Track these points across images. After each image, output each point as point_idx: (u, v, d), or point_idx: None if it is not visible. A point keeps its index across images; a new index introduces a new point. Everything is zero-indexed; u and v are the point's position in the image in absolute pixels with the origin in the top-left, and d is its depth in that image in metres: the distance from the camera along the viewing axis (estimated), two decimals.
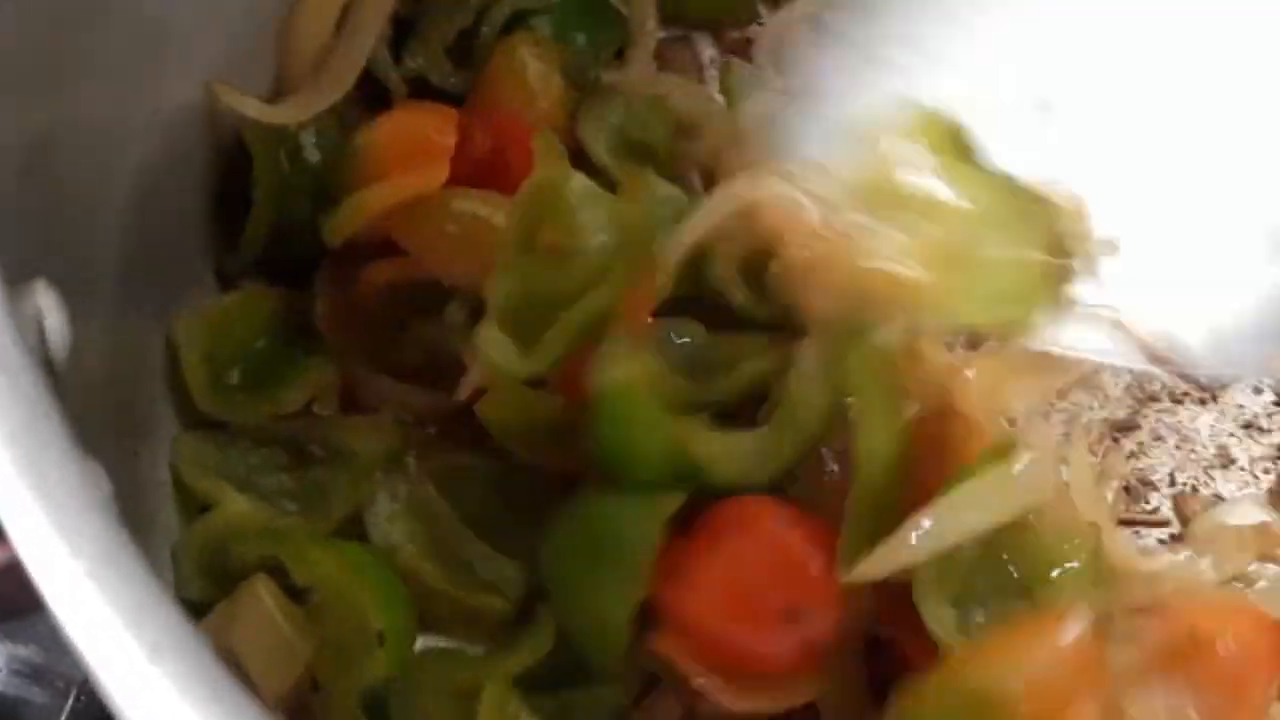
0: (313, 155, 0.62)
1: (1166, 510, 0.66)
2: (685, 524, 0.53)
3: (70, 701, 0.63)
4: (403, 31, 0.68)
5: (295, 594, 0.54)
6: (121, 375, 0.51)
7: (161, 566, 0.54)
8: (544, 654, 0.55)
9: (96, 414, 0.47)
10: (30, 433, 0.30)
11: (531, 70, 0.64)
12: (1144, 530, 0.65)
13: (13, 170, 0.39)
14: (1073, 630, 0.51)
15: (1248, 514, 0.65)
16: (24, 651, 0.71)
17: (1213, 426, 0.68)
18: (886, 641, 0.59)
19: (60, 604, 0.29)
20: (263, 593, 0.53)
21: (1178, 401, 0.69)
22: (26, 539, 0.29)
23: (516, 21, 0.68)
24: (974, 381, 0.55)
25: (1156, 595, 0.58)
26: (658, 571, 0.52)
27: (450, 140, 0.59)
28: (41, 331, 0.39)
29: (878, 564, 0.50)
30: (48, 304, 0.40)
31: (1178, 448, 0.68)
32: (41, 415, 0.31)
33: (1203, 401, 0.69)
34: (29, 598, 0.43)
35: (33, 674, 0.71)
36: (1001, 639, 0.53)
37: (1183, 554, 0.62)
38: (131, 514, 0.35)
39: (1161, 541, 0.65)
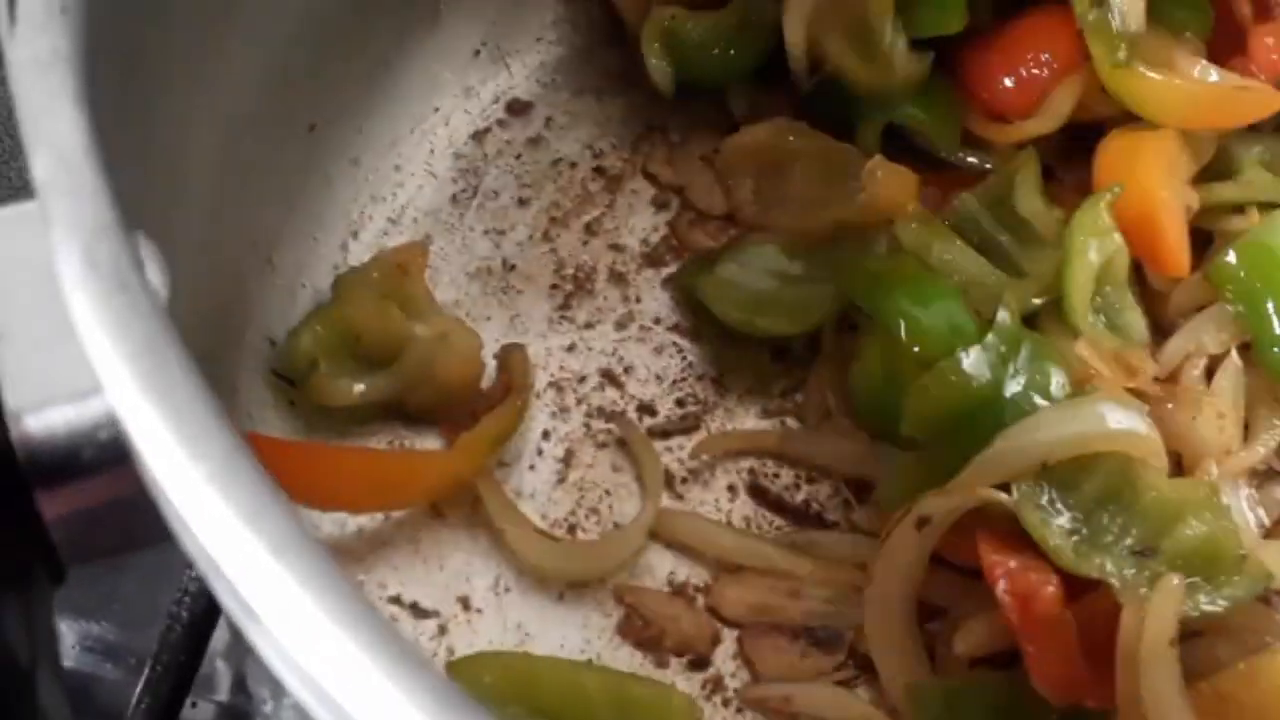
0: None
1: None
2: None
3: (144, 674, 0.64)
4: None
5: None
6: (208, 331, 0.53)
7: None
8: None
9: None
10: (151, 349, 0.32)
11: None
12: None
13: (115, 121, 0.41)
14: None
15: None
16: (97, 629, 0.72)
17: None
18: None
19: (186, 509, 0.30)
20: None
21: None
22: (151, 450, 0.31)
23: None
24: None
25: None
26: None
27: None
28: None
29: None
30: (148, 256, 0.42)
31: None
32: (160, 331, 0.32)
33: None
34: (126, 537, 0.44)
35: (105, 651, 0.72)
36: None
37: None
38: None
39: None
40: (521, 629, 0.61)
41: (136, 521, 0.41)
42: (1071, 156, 0.70)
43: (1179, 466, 0.63)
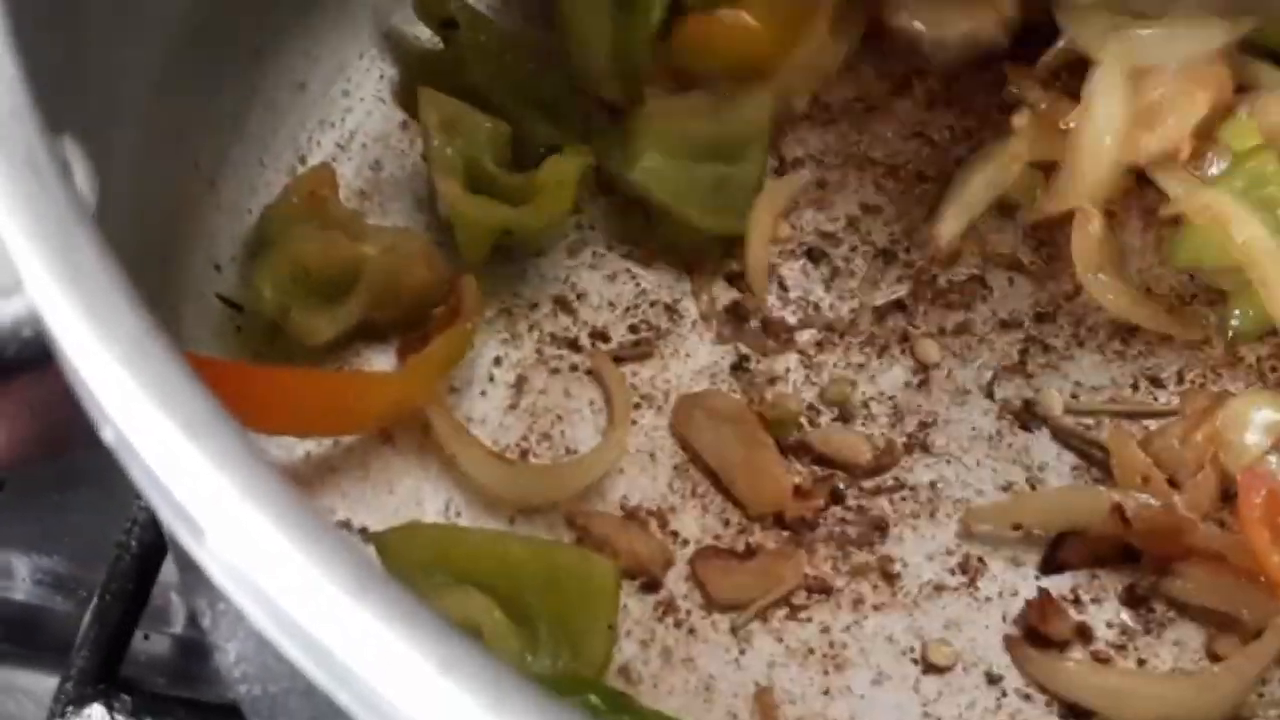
0: None
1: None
2: None
3: (93, 604, 0.63)
4: None
5: None
6: (145, 234, 0.52)
7: None
8: None
9: None
10: (61, 229, 0.31)
11: None
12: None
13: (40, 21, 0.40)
14: None
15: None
16: (48, 562, 0.72)
17: None
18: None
19: (98, 391, 0.30)
20: None
21: None
22: (61, 332, 0.30)
23: None
24: None
25: None
26: None
27: None
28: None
29: None
30: (75, 158, 0.41)
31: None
32: (73, 214, 0.31)
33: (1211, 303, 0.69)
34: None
35: (56, 584, 0.72)
36: None
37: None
38: None
39: None
40: None
41: (63, 422, 0.40)
42: None
43: None
